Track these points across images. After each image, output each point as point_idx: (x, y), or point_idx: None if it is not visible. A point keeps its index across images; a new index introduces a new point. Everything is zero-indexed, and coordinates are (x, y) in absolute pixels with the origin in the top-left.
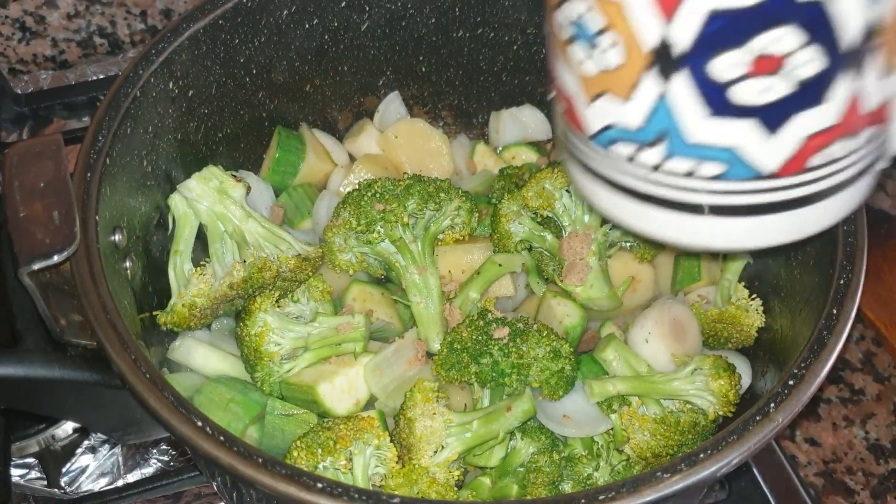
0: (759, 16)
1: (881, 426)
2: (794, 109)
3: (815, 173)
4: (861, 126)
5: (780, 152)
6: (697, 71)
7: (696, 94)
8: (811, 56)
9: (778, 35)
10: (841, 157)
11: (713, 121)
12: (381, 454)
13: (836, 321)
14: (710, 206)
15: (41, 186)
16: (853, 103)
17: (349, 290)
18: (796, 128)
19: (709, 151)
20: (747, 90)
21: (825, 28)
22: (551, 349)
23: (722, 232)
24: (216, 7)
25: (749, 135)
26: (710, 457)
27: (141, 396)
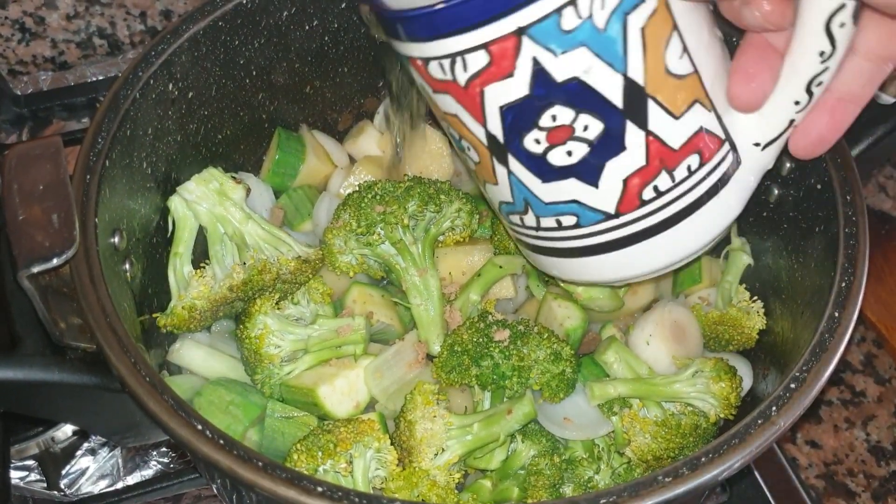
0: (534, 101)
1: (882, 428)
2: (601, 160)
3: (654, 204)
4: (679, 159)
5: (612, 195)
6: (519, 152)
7: (528, 168)
8: (589, 121)
9: (553, 113)
10: (671, 186)
11: (550, 184)
12: (381, 457)
13: (838, 324)
14: (581, 247)
15: (40, 189)
16: (654, 145)
17: (349, 292)
18: (612, 174)
19: (561, 207)
20: (558, 156)
21: (589, 97)
22: (552, 351)
23: (606, 266)
24: (216, 9)
25: (579, 187)
26: (711, 461)
27: (140, 400)
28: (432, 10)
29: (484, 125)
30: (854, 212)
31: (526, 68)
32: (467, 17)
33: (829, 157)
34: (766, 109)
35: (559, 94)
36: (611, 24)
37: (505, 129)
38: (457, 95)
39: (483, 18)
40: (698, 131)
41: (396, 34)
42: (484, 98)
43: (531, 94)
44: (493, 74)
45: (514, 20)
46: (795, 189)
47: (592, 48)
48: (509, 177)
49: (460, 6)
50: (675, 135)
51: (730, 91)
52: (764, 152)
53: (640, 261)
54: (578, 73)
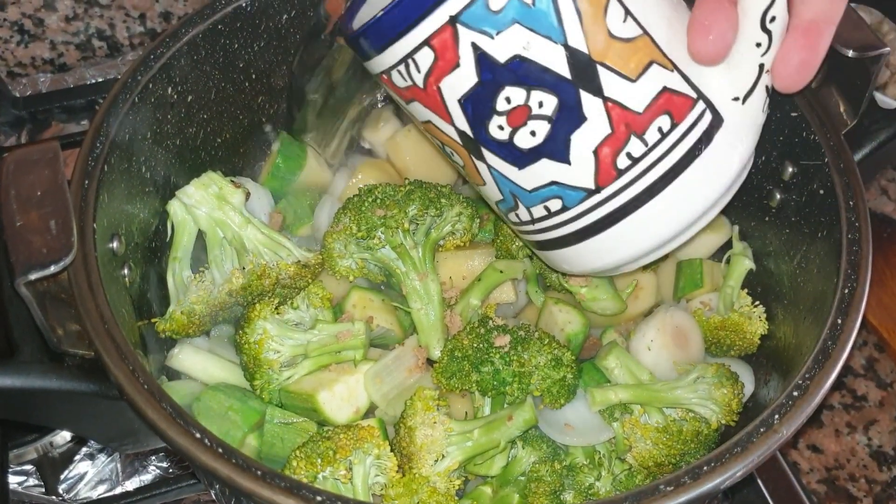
0: (485, 87)
1: (884, 433)
2: (566, 134)
3: (633, 171)
4: (646, 122)
5: (586, 169)
6: (488, 142)
7: (501, 157)
8: (542, 96)
9: (507, 95)
10: (645, 151)
11: (526, 170)
12: (381, 463)
13: (841, 331)
14: (577, 231)
15: (38, 195)
16: (615, 111)
17: (349, 297)
18: (580, 147)
19: (543, 192)
20: (523, 138)
21: (536, 73)
22: (553, 357)
23: (609, 247)
24: (215, 12)
25: (553, 167)
26: (713, 469)
27: (138, 407)
28: (376, 18)
29: (452, 123)
30: (857, 217)
31: (468, 56)
32: (404, 16)
33: (831, 163)
34: (732, 60)
35: (506, 75)
36: None
37: (469, 122)
38: (422, 100)
39: (417, 15)
40: (661, 92)
41: (361, 53)
42: (442, 95)
43: (480, 81)
44: (443, 68)
45: (445, 10)
46: (798, 194)
47: (526, 24)
48: (490, 172)
49: (395, 8)
50: (636, 98)
51: (689, 47)
52: (746, 106)
53: (642, 235)
54: (518, 51)
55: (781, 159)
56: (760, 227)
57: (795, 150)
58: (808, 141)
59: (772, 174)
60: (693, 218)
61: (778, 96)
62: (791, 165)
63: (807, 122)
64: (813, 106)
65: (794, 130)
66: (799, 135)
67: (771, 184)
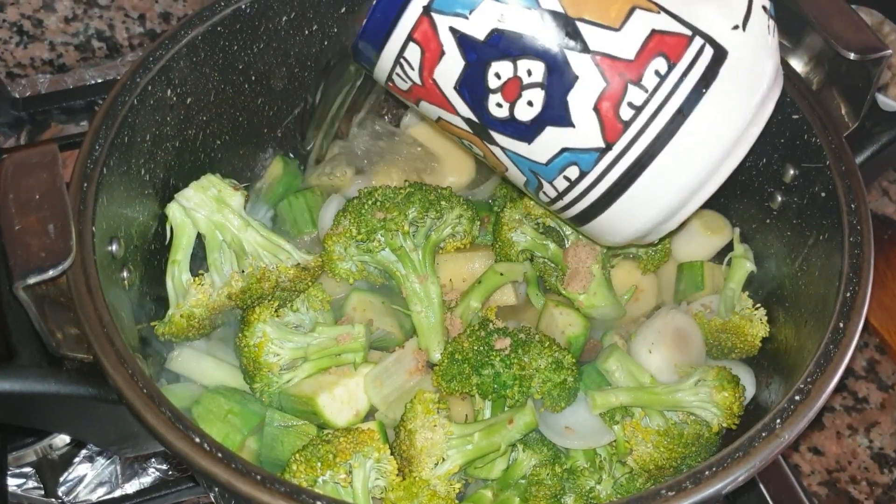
0: (473, 68)
1: (885, 435)
2: (562, 97)
3: (639, 120)
4: (641, 68)
5: (592, 128)
6: (493, 123)
7: (509, 135)
8: (529, 64)
9: (495, 71)
10: (647, 97)
11: (535, 143)
12: (381, 467)
13: (843, 335)
14: (604, 194)
15: (36, 198)
16: (605, 63)
17: (349, 300)
18: (579, 106)
19: (558, 162)
20: (523, 110)
21: (517, 42)
22: (553, 360)
23: (642, 204)
24: (214, 14)
25: (559, 133)
26: (715, 474)
27: (137, 412)
28: (363, 27)
29: (457, 112)
30: (859, 220)
31: (450, 41)
32: (384, 17)
33: (833, 166)
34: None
35: (489, 52)
36: None
37: (470, 107)
38: (425, 97)
39: (394, 13)
40: (651, 35)
41: (365, 65)
42: (439, 86)
43: (468, 62)
44: (431, 60)
45: (417, 2)
46: (799, 196)
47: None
48: (506, 154)
49: (374, 12)
50: (624, 46)
51: None
52: (748, 32)
53: (668, 186)
54: (494, 25)
55: (783, 162)
56: (762, 229)
57: (797, 152)
58: (810, 143)
59: (773, 176)
60: (718, 156)
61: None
62: (792, 168)
63: (808, 124)
64: (814, 108)
65: (795, 133)
66: (800, 137)
67: (772, 186)
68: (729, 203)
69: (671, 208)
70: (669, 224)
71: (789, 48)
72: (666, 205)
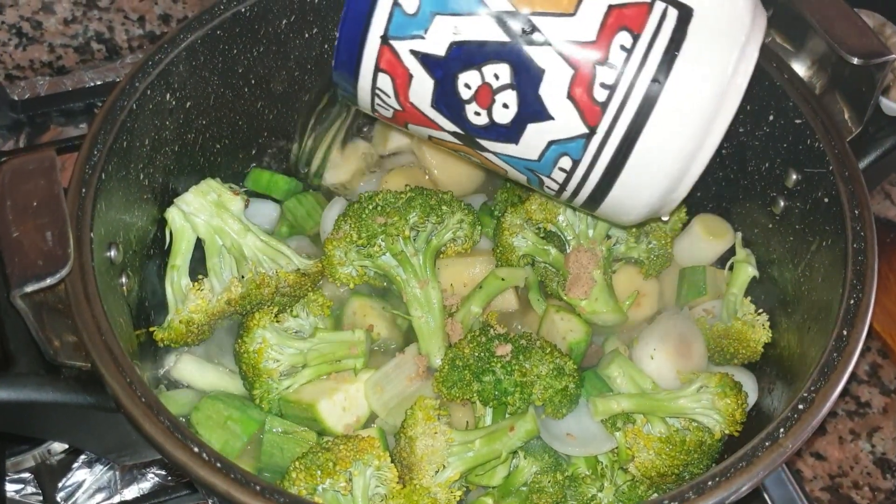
0: (443, 84)
1: (888, 440)
2: (534, 92)
3: (616, 98)
4: (604, 47)
5: (571, 116)
6: (477, 131)
7: (496, 140)
8: (494, 69)
9: (464, 82)
10: (618, 73)
11: (522, 142)
12: (381, 474)
13: (847, 343)
14: (604, 174)
15: (34, 205)
16: (567, 49)
17: (349, 304)
18: (553, 98)
19: (549, 155)
20: (500, 114)
21: (476, 50)
22: (555, 366)
23: (641, 181)
24: (214, 17)
25: (541, 128)
26: (718, 485)
27: (135, 420)
28: (333, 68)
29: (441, 128)
30: (862, 226)
31: (414, 63)
32: (349, 54)
33: (836, 171)
34: None
35: (453, 65)
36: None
37: (452, 121)
38: (409, 119)
39: (356, 49)
40: (608, 11)
41: (348, 101)
42: (418, 108)
43: (436, 80)
44: (403, 84)
45: (374, 34)
46: (802, 201)
47: (445, 11)
48: (499, 158)
49: (339, 52)
50: (583, 29)
51: None
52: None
53: (664, 153)
54: (451, 38)
55: (785, 166)
56: (764, 234)
57: (799, 157)
58: (813, 148)
59: (775, 181)
60: (707, 115)
61: (782, 104)
62: (795, 173)
63: (811, 129)
64: (817, 113)
65: (798, 137)
66: (803, 142)
67: (775, 191)
68: (731, 207)
69: (674, 175)
70: (679, 191)
71: (792, 52)
72: (668, 173)
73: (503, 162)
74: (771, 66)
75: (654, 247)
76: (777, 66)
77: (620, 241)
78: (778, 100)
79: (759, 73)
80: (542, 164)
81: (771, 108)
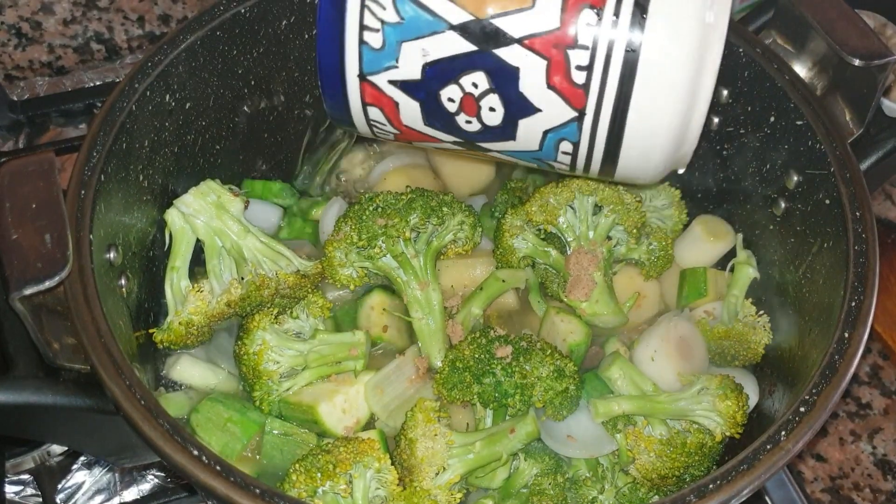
0: (429, 104)
1: (889, 441)
2: (514, 92)
3: (595, 76)
4: (570, 31)
5: (557, 104)
6: (472, 136)
7: (493, 140)
8: (471, 78)
9: (447, 96)
10: (591, 52)
11: (518, 138)
12: (381, 477)
13: (848, 345)
14: (609, 144)
15: (33, 207)
16: (536, 43)
17: (369, 297)
18: (534, 93)
19: (548, 143)
20: (489, 117)
21: (449, 65)
22: (555, 368)
23: (647, 143)
24: (214, 18)
25: (532, 122)
26: (719, 487)
27: (135, 423)
28: (325, 109)
29: (441, 140)
30: (863, 228)
31: (395, 91)
32: (334, 97)
33: (837, 172)
34: None
35: (432, 84)
36: (401, 11)
37: (448, 132)
38: (410, 138)
39: (339, 90)
40: None
41: (347, 128)
42: (413, 128)
43: (420, 101)
44: (392, 112)
45: (351, 74)
46: (803, 203)
47: (409, 37)
48: (505, 154)
49: (325, 96)
50: (545, 19)
51: None
52: None
53: (663, 108)
54: (423, 61)
55: (786, 168)
56: (765, 235)
57: (801, 158)
58: (814, 150)
59: (776, 183)
60: (692, 66)
61: (783, 105)
62: (796, 174)
63: (812, 130)
64: (818, 114)
65: (799, 139)
66: (804, 143)
67: (776, 192)
68: (732, 209)
69: (677, 130)
70: (688, 143)
71: (793, 54)
72: (669, 129)
73: (509, 157)
74: (772, 68)
75: (655, 248)
76: (778, 68)
77: (621, 242)
78: (779, 101)
79: (759, 75)
80: (544, 152)
81: (772, 109)
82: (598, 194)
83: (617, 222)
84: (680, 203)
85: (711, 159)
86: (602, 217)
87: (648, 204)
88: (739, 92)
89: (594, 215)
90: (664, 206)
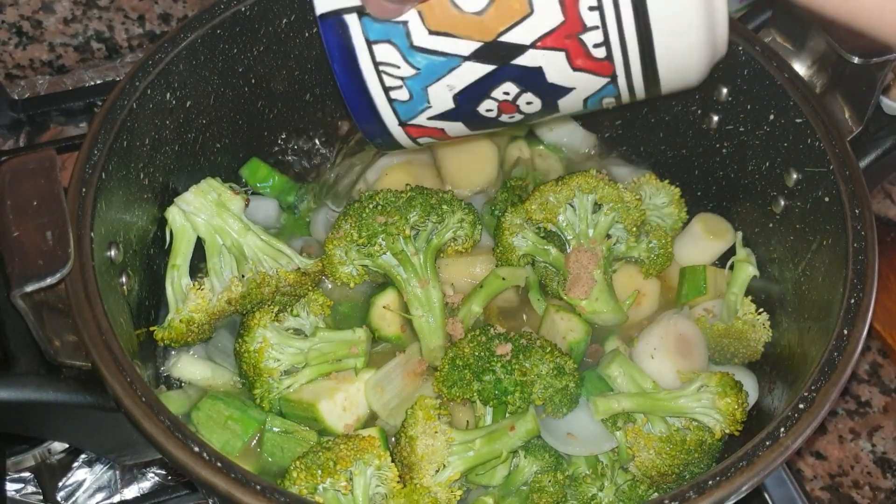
0: (471, 119)
1: (888, 439)
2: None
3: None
4: (577, 17)
5: (588, 80)
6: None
7: (539, 116)
8: (505, 88)
9: (486, 108)
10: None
11: (562, 108)
12: (381, 474)
13: (847, 343)
14: (644, 81)
15: (34, 205)
16: (550, 39)
17: (384, 294)
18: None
19: (591, 103)
20: (527, 108)
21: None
22: (555, 366)
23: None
24: (214, 16)
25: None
26: (718, 484)
27: (136, 420)
28: (371, 143)
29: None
30: (863, 226)
31: (438, 123)
32: (384, 142)
33: (837, 170)
34: None
35: (468, 105)
36: (414, 63)
37: (496, 126)
38: (458, 139)
39: (387, 136)
40: None
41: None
42: (461, 135)
43: (462, 119)
44: (440, 135)
45: (392, 125)
46: (802, 201)
47: (431, 81)
48: (551, 118)
49: (374, 142)
50: (549, 18)
51: None
52: None
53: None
54: (452, 93)
55: (786, 166)
56: (764, 233)
57: (800, 156)
58: (813, 148)
59: (776, 180)
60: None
61: (783, 103)
62: (795, 172)
63: (811, 128)
64: (818, 112)
65: (798, 137)
66: (804, 141)
67: (775, 190)
68: (731, 207)
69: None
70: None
71: (793, 51)
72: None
73: (555, 118)
74: (771, 66)
75: (655, 246)
76: (777, 66)
77: (621, 240)
78: (778, 99)
79: (759, 73)
80: (589, 107)
81: (771, 107)
82: (598, 192)
83: (617, 220)
84: (679, 201)
85: (711, 157)
86: (602, 215)
87: (648, 202)
88: (739, 90)
89: (594, 213)
90: (664, 204)
